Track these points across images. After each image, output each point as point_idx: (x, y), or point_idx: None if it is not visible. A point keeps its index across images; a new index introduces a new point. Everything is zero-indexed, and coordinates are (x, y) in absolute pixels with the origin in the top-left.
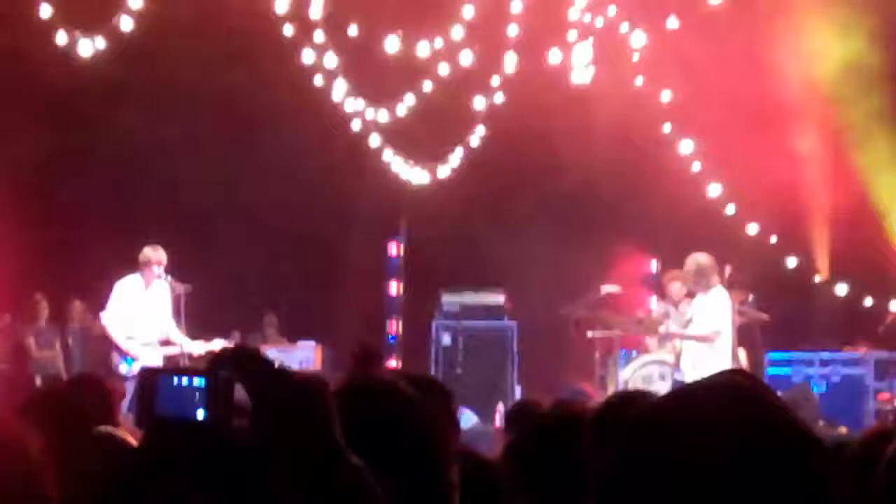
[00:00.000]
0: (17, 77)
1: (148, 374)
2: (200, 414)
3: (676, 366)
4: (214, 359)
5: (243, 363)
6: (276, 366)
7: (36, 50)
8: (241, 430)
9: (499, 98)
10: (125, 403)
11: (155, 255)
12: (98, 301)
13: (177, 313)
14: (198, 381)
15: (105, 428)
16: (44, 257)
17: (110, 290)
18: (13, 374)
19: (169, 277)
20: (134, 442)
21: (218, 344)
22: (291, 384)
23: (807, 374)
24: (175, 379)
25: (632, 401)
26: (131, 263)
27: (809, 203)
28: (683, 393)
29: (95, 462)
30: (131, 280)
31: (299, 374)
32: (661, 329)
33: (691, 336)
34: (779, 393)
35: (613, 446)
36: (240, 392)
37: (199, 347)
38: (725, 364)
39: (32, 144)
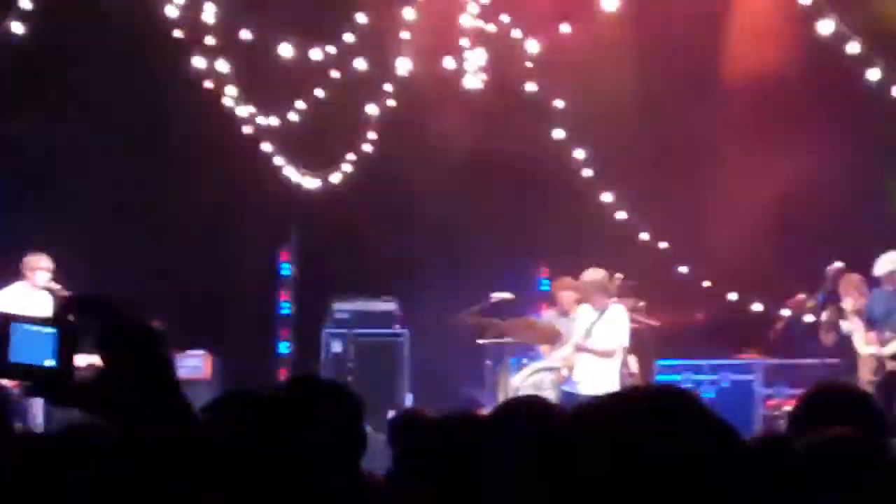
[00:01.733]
0: None
1: (1, 321)
2: (49, 362)
3: (568, 375)
4: (63, 306)
5: (90, 309)
6: (120, 312)
7: None
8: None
9: (391, 104)
10: None
11: (39, 262)
12: None
13: None
14: (48, 330)
15: None
16: None
17: None
18: None
19: (57, 286)
20: None
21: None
22: (134, 328)
23: (696, 380)
24: (27, 326)
25: (523, 407)
26: (15, 271)
27: (701, 209)
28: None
29: None
30: (14, 288)
31: (140, 321)
32: (572, 342)
33: (597, 351)
34: None
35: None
36: None
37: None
38: (615, 376)
39: None
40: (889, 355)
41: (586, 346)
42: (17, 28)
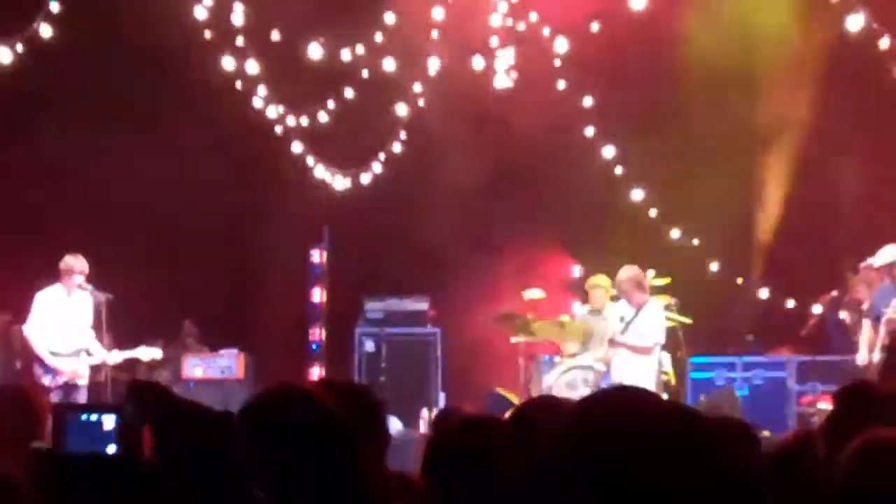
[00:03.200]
0: None
1: (58, 411)
2: (112, 448)
3: (606, 373)
4: (125, 395)
5: (149, 398)
6: (181, 400)
7: None
8: (150, 462)
9: (421, 104)
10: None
11: (77, 264)
12: (18, 312)
13: (98, 322)
14: (108, 416)
15: (37, 444)
16: None
17: (31, 300)
18: None
19: (90, 287)
20: None
21: (141, 351)
22: (195, 416)
23: (729, 377)
24: (86, 414)
25: (542, 406)
26: (51, 273)
27: (732, 206)
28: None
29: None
30: (52, 291)
31: (203, 407)
32: (608, 337)
33: (632, 345)
34: (701, 397)
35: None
36: None
37: (118, 356)
38: (653, 373)
39: None
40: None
41: (623, 342)
42: (46, 31)
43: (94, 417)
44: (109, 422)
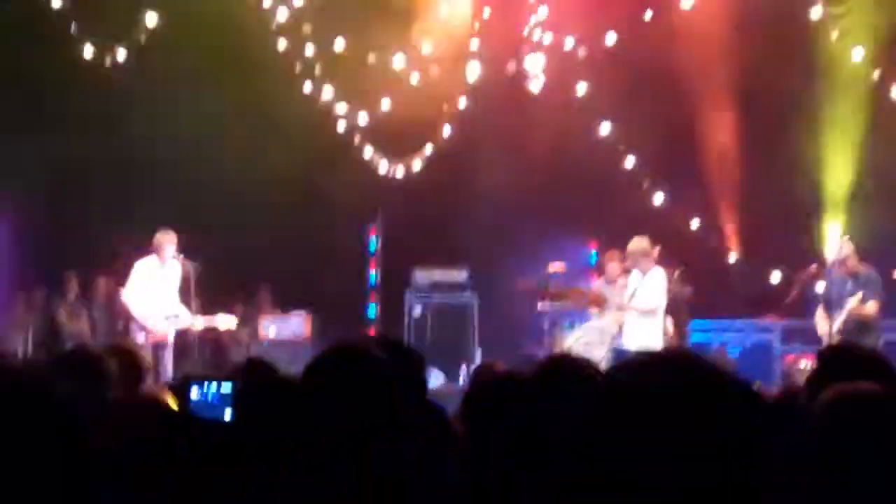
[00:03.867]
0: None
1: (181, 382)
2: (228, 413)
3: (619, 333)
4: (239, 369)
5: (258, 372)
6: (285, 376)
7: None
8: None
9: (462, 103)
10: None
11: (166, 238)
12: (120, 278)
13: (187, 289)
14: (226, 386)
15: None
16: (75, 241)
17: (130, 268)
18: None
19: (181, 256)
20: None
21: (220, 319)
22: (295, 389)
23: (723, 339)
24: (206, 384)
25: (562, 362)
26: (147, 245)
27: (728, 191)
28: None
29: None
30: (148, 260)
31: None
32: (616, 302)
33: (638, 308)
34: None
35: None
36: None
37: (202, 322)
38: (658, 331)
39: (64, 145)
40: (837, 330)
41: (628, 306)
42: (142, 38)
43: (213, 386)
44: (227, 390)
